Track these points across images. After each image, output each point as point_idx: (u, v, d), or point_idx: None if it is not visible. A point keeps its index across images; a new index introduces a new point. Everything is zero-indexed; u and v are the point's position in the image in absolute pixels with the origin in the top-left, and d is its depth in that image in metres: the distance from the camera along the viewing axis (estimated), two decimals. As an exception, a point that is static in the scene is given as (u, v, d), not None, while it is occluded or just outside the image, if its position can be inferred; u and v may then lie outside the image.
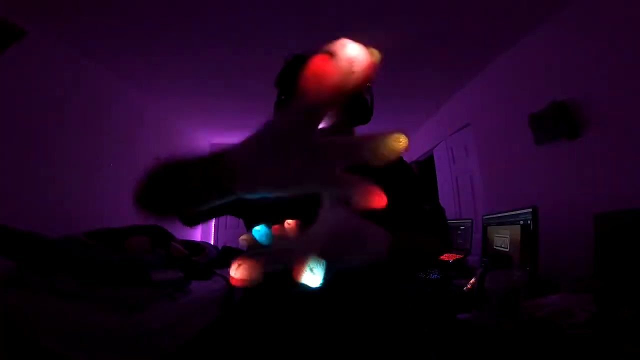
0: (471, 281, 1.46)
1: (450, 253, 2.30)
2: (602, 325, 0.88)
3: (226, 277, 1.91)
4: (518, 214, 1.58)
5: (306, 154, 0.27)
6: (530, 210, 1.48)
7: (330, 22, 1.97)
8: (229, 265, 0.29)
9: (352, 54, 0.23)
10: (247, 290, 0.82)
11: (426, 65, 2.52)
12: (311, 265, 0.27)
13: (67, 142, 2.28)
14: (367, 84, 0.81)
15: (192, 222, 0.72)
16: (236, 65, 2.49)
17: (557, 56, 1.89)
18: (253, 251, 0.31)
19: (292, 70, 0.80)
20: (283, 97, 0.82)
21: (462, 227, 2.38)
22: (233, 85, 2.83)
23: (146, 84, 2.83)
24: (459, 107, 3.06)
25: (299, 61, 0.79)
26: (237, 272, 0.29)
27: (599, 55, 1.62)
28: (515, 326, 0.99)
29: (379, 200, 0.26)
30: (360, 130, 0.86)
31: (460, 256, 2.20)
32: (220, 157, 0.30)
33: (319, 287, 0.27)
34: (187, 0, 1.79)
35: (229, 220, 4.29)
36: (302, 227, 0.37)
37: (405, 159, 0.88)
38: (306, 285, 0.27)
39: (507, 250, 1.63)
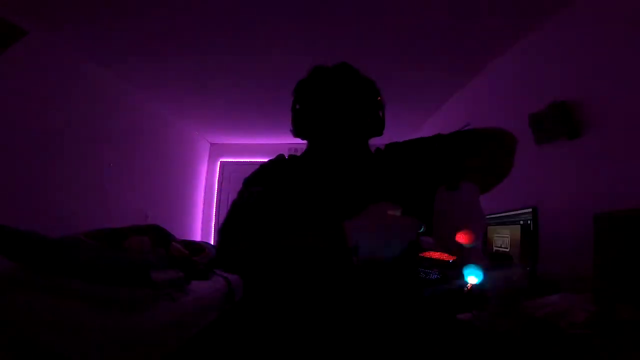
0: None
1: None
2: (602, 325, 0.88)
3: (226, 277, 1.91)
4: (518, 214, 1.58)
5: None
6: (530, 210, 1.48)
7: (329, 22, 1.97)
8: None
9: None
10: (247, 290, 0.82)
11: (426, 65, 2.52)
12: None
13: (67, 142, 2.28)
14: (379, 97, 0.81)
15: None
16: (236, 66, 2.49)
17: (557, 56, 1.88)
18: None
19: (312, 82, 0.80)
20: (298, 106, 0.82)
21: (462, 227, 2.38)
22: (233, 86, 2.83)
23: (146, 84, 2.83)
24: (459, 107, 3.06)
25: (319, 73, 0.79)
26: None
27: (599, 55, 1.62)
28: (516, 326, 0.99)
29: None
30: (373, 142, 0.86)
31: (460, 256, 2.20)
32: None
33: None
34: (188, 1, 1.79)
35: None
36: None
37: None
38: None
39: (507, 250, 1.63)
